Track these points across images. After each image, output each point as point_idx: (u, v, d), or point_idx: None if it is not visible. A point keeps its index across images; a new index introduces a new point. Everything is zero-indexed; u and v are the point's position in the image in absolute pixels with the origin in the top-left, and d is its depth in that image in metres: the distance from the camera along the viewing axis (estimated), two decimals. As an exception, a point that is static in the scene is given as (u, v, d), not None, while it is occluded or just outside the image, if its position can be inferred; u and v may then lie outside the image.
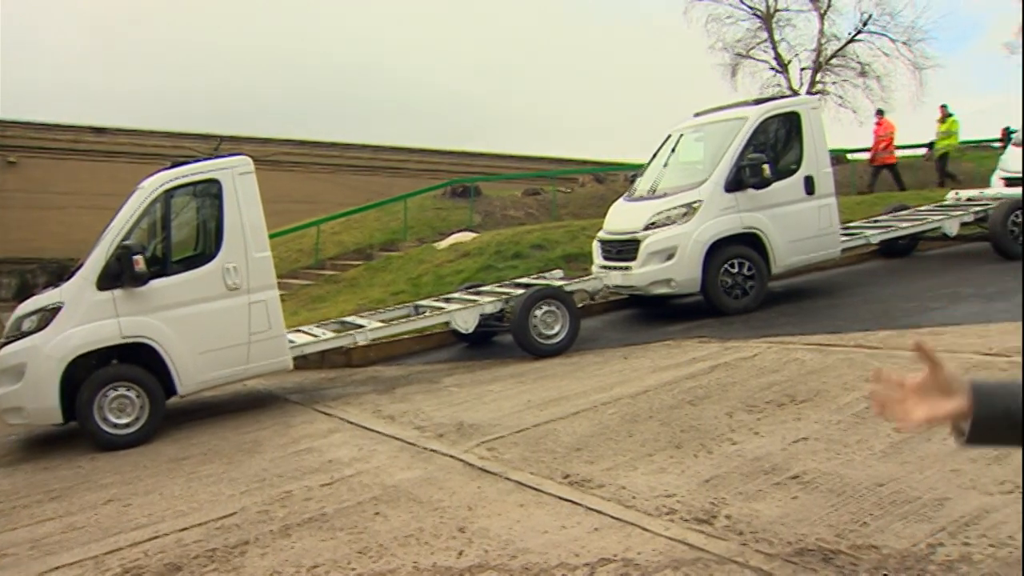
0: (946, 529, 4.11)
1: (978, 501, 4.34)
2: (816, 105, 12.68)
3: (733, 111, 11.89)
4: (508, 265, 13.88)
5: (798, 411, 6.24)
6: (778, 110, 11.63)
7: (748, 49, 32.07)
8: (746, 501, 4.77)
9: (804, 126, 11.47)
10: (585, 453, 5.98)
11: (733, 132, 11.24)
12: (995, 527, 4.06)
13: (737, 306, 10.68)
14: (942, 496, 4.47)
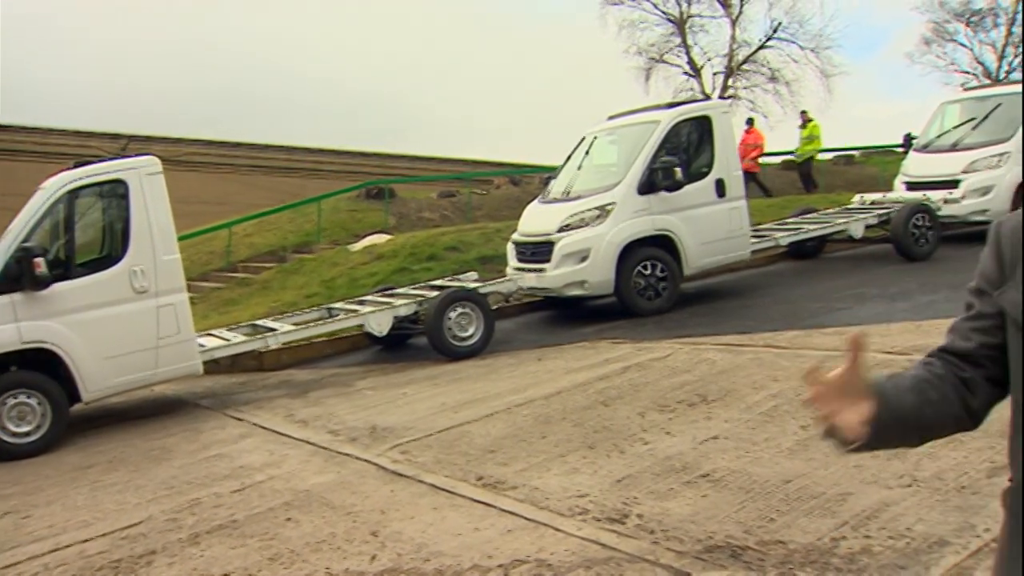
0: (849, 523, 4.23)
1: (879, 495, 4.48)
2: (727, 109, 12.93)
3: (646, 114, 12.04)
4: (423, 267, 13.83)
5: (709, 410, 6.35)
6: (690, 114, 11.82)
7: (662, 54, 32.61)
8: (657, 500, 4.84)
9: (715, 130, 11.67)
10: (499, 455, 6.00)
11: (646, 135, 11.38)
12: (894, 519, 4.19)
13: (650, 307, 10.82)
14: (845, 491, 4.60)
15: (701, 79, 32.19)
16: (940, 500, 4.33)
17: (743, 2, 31.84)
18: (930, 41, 37.84)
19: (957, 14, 37.26)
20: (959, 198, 13.21)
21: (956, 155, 13.90)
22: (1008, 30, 36.35)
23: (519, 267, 11.46)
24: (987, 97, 14.77)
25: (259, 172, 30.84)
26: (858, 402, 1.64)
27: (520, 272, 11.35)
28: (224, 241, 19.11)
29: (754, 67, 32.54)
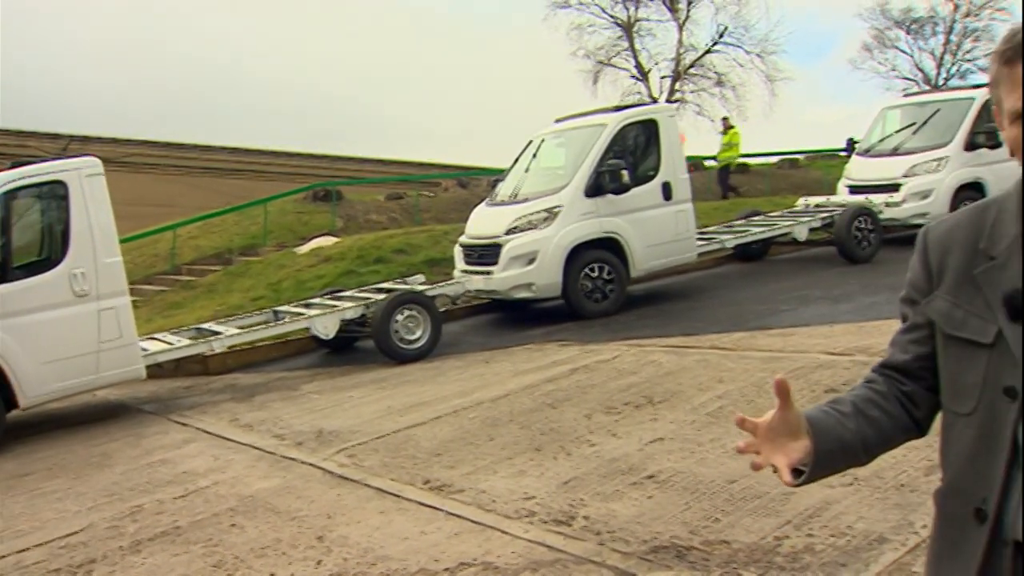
0: (792, 522, 4.29)
1: (821, 494, 4.54)
2: (673, 113, 13.05)
3: (593, 118, 12.12)
4: (370, 270, 13.76)
5: (655, 412, 6.40)
6: (636, 117, 11.91)
7: (610, 57, 32.79)
8: (604, 501, 4.86)
9: (662, 133, 11.78)
10: (446, 458, 5.99)
11: (593, 138, 11.45)
12: (836, 518, 4.26)
13: (597, 309, 10.88)
14: (788, 491, 4.63)
15: (648, 83, 32.45)
16: (880, 498, 4.41)
17: (690, 7, 32.16)
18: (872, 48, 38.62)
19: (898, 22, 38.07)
20: (900, 201, 13.48)
21: (897, 159, 14.19)
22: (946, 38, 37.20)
23: (467, 270, 11.46)
24: (927, 103, 15.09)
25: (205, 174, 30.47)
26: (793, 442, 1.67)
27: (468, 275, 11.35)
28: (169, 243, 18.84)
29: (701, 71, 32.88)
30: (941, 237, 1.75)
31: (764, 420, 1.67)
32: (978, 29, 37.05)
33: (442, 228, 16.24)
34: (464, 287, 11.22)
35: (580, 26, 32.27)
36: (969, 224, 1.70)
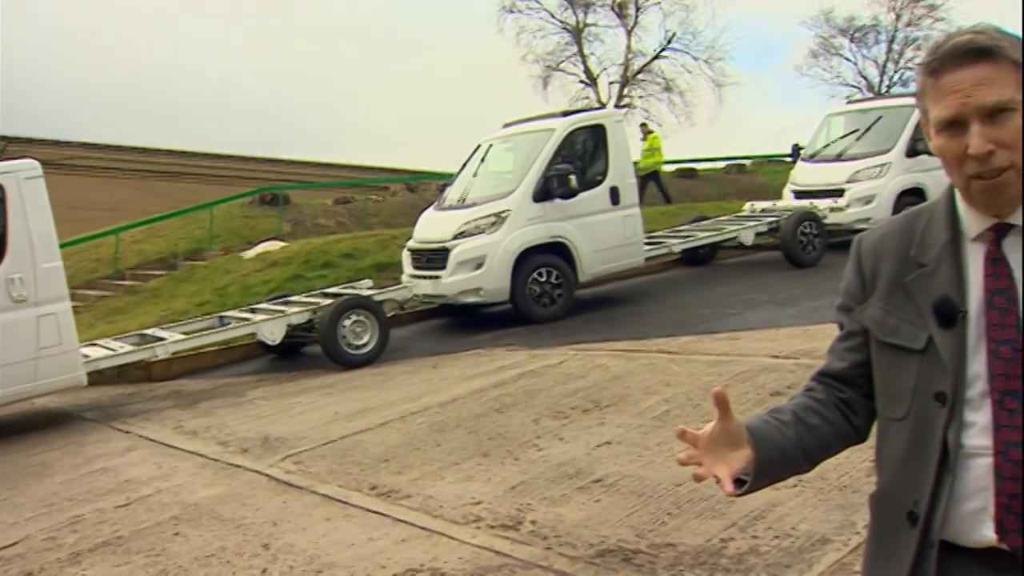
0: (737, 524, 4.34)
1: (766, 496, 4.59)
2: (621, 118, 13.15)
3: (541, 122, 12.16)
4: (317, 275, 13.67)
5: (602, 416, 6.44)
6: (584, 122, 11.98)
7: (558, 62, 32.96)
8: (551, 506, 4.88)
9: (609, 138, 11.85)
10: (393, 464, 5.97)
11: (541, 143, 11.49)
12: (780, 519, 4.32)
13: (545, 314, 10.91)
14: (733, 493, 4.71)
15: (597, 88, 32.67)
16: (823, 499, 4.48)
17: (638, 13, 32.47)
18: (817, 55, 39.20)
19: (842, 30, 38.70)
20: (844, 207, 13.71)
21: (841, 165, 14.44)
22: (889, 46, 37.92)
23: (414, 274, 11.43)
24: (869, 110, 15.38)
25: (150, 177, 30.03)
26: (734, 452, 1.69)
27: (415, 279, 11.33)
28: (112, 248, 18.51)
29: (649, 77, 33.20)
30: (873, 245, 1.78)
31: (704, 431, 1.69)
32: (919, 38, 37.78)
33: (390, 232, 16.19)
34: (412, 292, 11.19)
35: (530, 30, 32.43)
36: (900, 232, 1.74)
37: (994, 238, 1.59)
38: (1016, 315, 1.55)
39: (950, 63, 1.53)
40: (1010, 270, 1.57)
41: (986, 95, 1.50)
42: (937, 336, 1.61)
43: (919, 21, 37.20)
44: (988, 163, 1.51)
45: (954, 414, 1.58)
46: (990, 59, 1.51)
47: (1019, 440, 1.51)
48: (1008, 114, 1.50)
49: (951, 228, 1.65)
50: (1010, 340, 1.54)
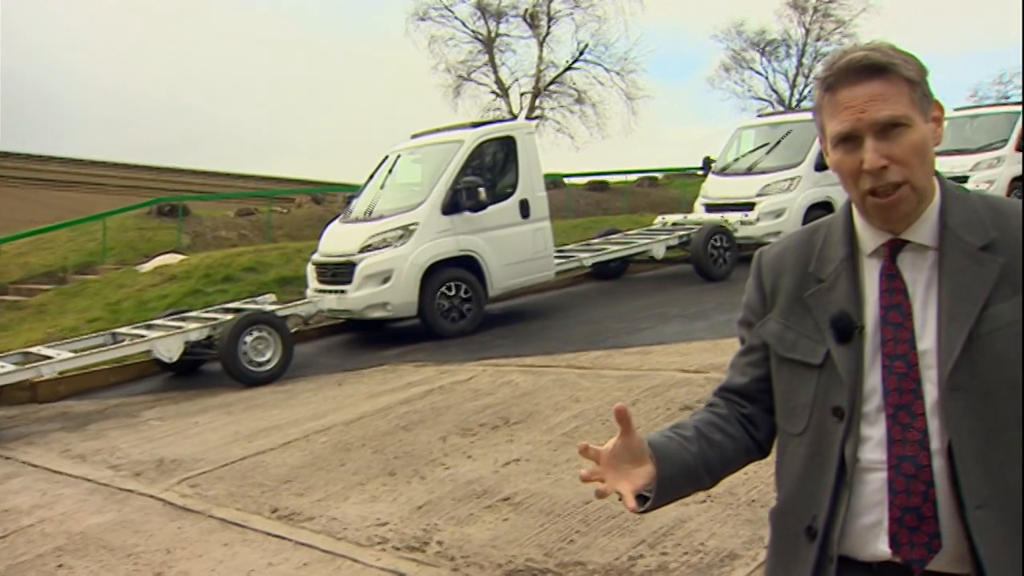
0: (646, 541, 4.39)
1: (675, 512, 4.66)
2: (531, 130, 13.25)
3: (450, 133, 12.18)
4: (218, 289, 13.42)
5: (511, 433, 6.45)
6: (494, 134, 12.03)
7: (470, 72, 32.99)
8: (458, 525, 4.87)
9: (519, 150, 11.92)
10: (295, 485, 5.88)
11: (450, 154, 11.50)
12: (689, 535, 4.38)
13: (454, 329, 10.90)
14: (643, 510, 4.76)
15: (509, 99, 32.81)
16: (732, 514, 4.56)
17: (550, 24, 32.70)
18: (729, 68, 40.06)
19: (753, 43, 39.65)
20: (754, 220, 14.02)
21: (751, 179, 14.80)
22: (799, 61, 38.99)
23: (320, 289, 11.31)
24: (779, 124, 15.81)
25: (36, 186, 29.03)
26: (636, 468, 1.70)
27: (321, 294, 11.21)
28: (-8, 261, 17.89)
29: (561, 88, 33.44)
30: (773, 260, 1.83)
31: (606, 448, 1.70)
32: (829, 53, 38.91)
33: (295, 246, 16.00)
34: (317, 307, 11.06)
35: (441, 39, 32.42)
36: (799, 247, 1.79)
37: (889, 253, 1.64)
38: (910, 331, 1.60)
39: (845, 79, 1.58)
40: (904, 286, 1.62)
41: (880, 110, 1.55)
42: (834, 351, 1.66)
43: (829, 36, 38.34)
44: (882, 178, 1.56)
45: (851, 429, 1.63)
46: (884, 75, 1.56)
47: (912, 454, 1.57)
48: (901, 129, 1.55)
49: (848, 243, 1.70)
50: (903, 355, 1.59)
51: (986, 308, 1.55)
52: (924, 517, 1.56)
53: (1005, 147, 17.79)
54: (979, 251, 1.58)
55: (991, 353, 1.54)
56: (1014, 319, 1.54)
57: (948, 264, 1.60)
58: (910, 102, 1.57)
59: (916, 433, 1.57)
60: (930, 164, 1.61)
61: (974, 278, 1.57)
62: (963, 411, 1.55)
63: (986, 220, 1.61)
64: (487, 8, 32.26)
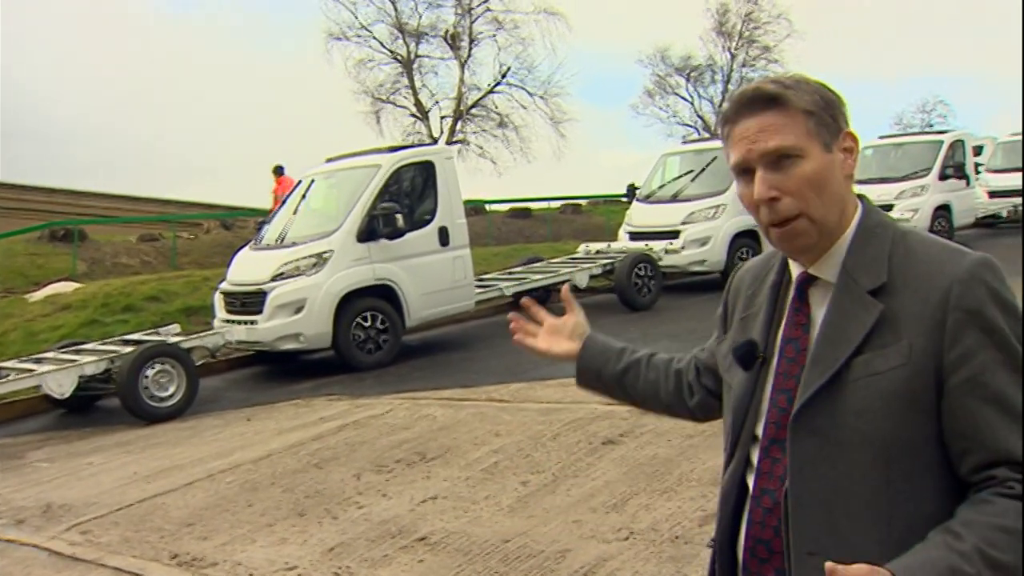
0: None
1: (597, 550, 4.69)
2: (451, 155, 13.29)
3: (367, 158, 12.14)
4: (118, 319, 13.11)
5: (428, 469, 6.41)
6: (412, 159, 12.02)
7: (389, 94, 32.98)
8: (371, 568, 4.82)
9: (439, 176, 11.93)
10: (198, 528, 5.75)
11: (366, 180, 11.45)
12: (612, 574, 4.40)
13: (370, 361, 10.82)
14: (564, 548, 4.78)
15: (429, 122, 32.86)
16: (655, 552, 4.59)
17: (472, 45, 32.90)
18: (654, 94, 40.76)
19: (678, 69, 40.43)
20: (679, 248, 14.25)
21: (676, 206, 15.05)
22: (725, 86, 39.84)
23: (228, 319, 11.13)
24: (704, 150, 16.10)
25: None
26: (568, 342, 2.18)
27: (229, 324, 11.01)
28: None
29: (483, 112, 33.62)
30: (737, 281, 1.92)
31: (551, 320, 2.17)
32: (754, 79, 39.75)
33: (202, 274, 15.74)
34: (225, 338, 10.86)
35: (359, 61, 32.38)
36: (755, 270, 1.86)
37: (799, 287, 1.69)
38: (801, 366, 1.63)
39: (740, 111, 1.62)
40: (808, 321, 1.65)
41: (768, 141, 1.58)
42: (736, 378, 1.73)
43: (754, 62, 39.29)
44: (775, 210, 1.59)
45: (733, 454, 1.72)
46: (776, 106, 1.59)
47: (773, 488, 1.61)
48: (794, 160, 1.57)
49: (782, 272, 1.75)
50: (788, 391, 1.63)
51: (858, 354, 1.55)
52: (774, 552, 1.61)
53: (929, 175, 18.66)
54: (866, 294, 1.58)
55: (851, 402, 1.54)
56: (882, 370, 1.53)
57: (834, 305, 1.61)
58: (805, 132, 1.58)
59: (781, 469, 1.60)
60: (832, 197, 1.60)
61: (852, 321, 1.57)
62: (807, 457, 1.56)
63: (890, 260, 1.59)
64: (406, 28, 32.35)
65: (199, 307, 13.49)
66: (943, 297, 1.52)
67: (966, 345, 1.50)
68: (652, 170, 16.59)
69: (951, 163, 19.13)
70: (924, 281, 1.54)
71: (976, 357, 1.50)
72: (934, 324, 1.51)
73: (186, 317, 13.09)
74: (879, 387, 1.52)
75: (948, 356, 1.51)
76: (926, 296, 1.53)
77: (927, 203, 18.52)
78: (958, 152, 19.61)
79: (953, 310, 1.51)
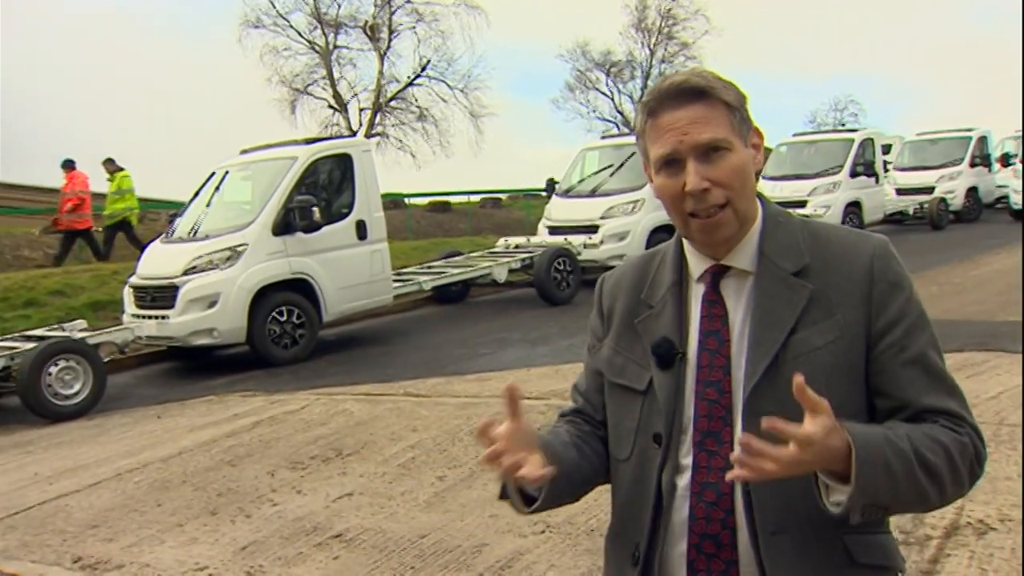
0: (483, 575, 4.38)
1: (513, 544, 4.69)
2: (368, 147, 13.19)
3: (282, 150, 11.99)
4: (19, 315, 12.72)
5: (344, 465, 6.35)
6: (329, 151, 11.92)
7: (306, 85, 32.64)
8: (285, 566, 4.75)
9: (356, 168, 11.85)
10: (103, 530, 5.60)
11: (282, 172, 11.31)
12: (528, 568, 4.41)
13: (286, 356, 10.70)
14: (481, 542, 4.77)
15: (347, 115, 32.61)
16: (571, 544, 4.60)
17: (391, 37, 32.75)
18: (574, 88, 41.05)
19: (598, 64, 40.77)
20: (598, 243, 14.36)
21: (595, 201, 15.17)
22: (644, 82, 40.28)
23: (138, 314, 10.89)
24: (623, 145, 16.24)
25: None
26: (530, 455, 1.61)
27: (139, 319, 10.79)
28: None
29: (403, 105, 33.51)
30: (611, 285, 1.89)
31: (503, 429, 1.61)
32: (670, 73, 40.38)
33: (111, 267, 15.38)
34: (134, 333, 10.64)
35: (276, 49, 31.97)
36: (635, 272, 1.84)
37: (712, 279, 1.70)
38: (725, 357, 1.65)
39: (667, 103, 1.63)
40: (725, 312, 1.68)
41: (701, 133, 1.60)
42: (656, 377, 1.70)
43: (673, 58, 39.86)
44: (704, 200, 1.61)
45: (669, 456, 1.68)
46: (704, 99, 1.61)
47: (714, 482, 1.62)
48: (723, 153, 1.61)
49: (678, 270, 1.75)
50: (716, 382, 1.65)
51: (793, 333, 1.61)
52: (722, 545, 1.62)
53: (841, 173, 19.34)
54: (791, 276, 1.64)
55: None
56: (820, 344, 1.61)
57: (761, 290, 1.66)
58: (730, 126, 1.62)
59: (721, 460, 1.61)
60: (751, 189, 1.67)
61: (783, 304, 1.63)
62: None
63: (802, 245, 1.67)
64: (324, 18, 32.04)
65: (108, 302, 13.19)
66: (866, 272, 1.64)
67: (891, 313, 1.63)
68: (571, 165, 16.69)
69: (861, 161, 19.70)
70: (844, 260, 1.65)
71: (901, 323, 1.63)
72: (862, 297, 1.63)
73: (94, 312, 12.80)
74: (820, 361, 1.60)
75: (876, 324, 1.63)
76: (849, 273, 1.64)
77: (839, 199, 19.03)
78: (868, 150, 20.18)
79: (878, 282, 1.64)
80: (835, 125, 42.65)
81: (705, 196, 1.60)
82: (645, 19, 39.41)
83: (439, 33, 32.72)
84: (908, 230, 21.01)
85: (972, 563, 4.00)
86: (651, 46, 39.89)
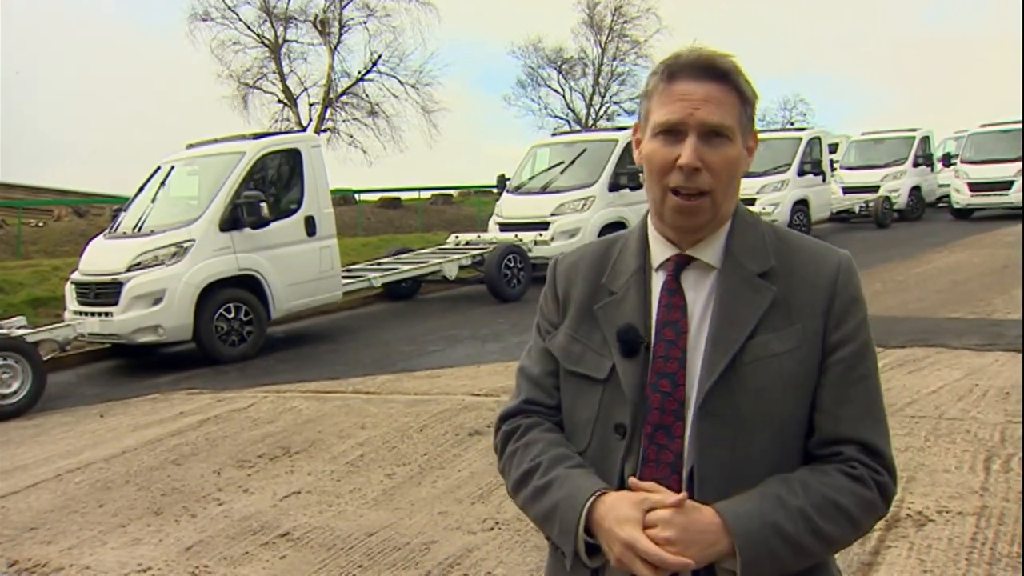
0: (432, 572, 4.37)
1: (463, 541, 4.67)
2: (317, 143, 13.09)
3: (230, 144, 11.88)
4: (-45, 312, 12.50)
5: (292, 463, 6.30)
6: (278, 146, 11.83)
7: (256, 79, 32.32)
8: (231, 566, 4.69)
9: (305, 164, 11.77)
10: (42, 532, 5.49)
11: (229, 167, 11.20)
12: (476, 565, 4.39)
13: (233, 354, 10.60)
14: (430, 539, 4.75)
15: (297, 109, 32.33)
16: (520, 541, 4.60)
17: (342, 31, 32.54)
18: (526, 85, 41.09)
19: (550, 61, 40.85)
20: (549, 240, 14.40)
21: (545, 198, 15.22)
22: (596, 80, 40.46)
23: (80, 311, 10.72)
24: (574, 143, 16.32)
25: None
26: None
27: (81, 316, 10.62)
28: None
29: (354, 100, 33.29)
30: (567, 268, 1.83)
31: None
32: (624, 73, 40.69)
33: (52, 263, 15.16)
34: (76, 331, 10.47)
35: (225, 43, 31.61)
36: (594, 258, 1.80)
37: (673, 268, 1.67)
38: (682, 349, 1.62)
39: (688, 72, 1.61)
40: (684, 303, 1.65)
41: (711, 113, 1.58)
42: (620, 365, 1.66)
43: (624, 56, 40.06)
44: (692, 180, 1.58)
45: (632, 447, 1.63)
46: (725, 83, 1.61)
47: (663, 476, 1.59)
48: (724, 140, 1.59)
49: (642, 256, 1.72)
50: (671, 374, 1.62)
51: (753, 336, 1.60)
52: None
53: (789, 171, 19.66)
54: (756, 278, 1.63)
55: (751, 382, 1.59)
56: (780, 351, 1.60)
57: (724, 288, 1.64)
58: (738, 118, 1.62)
59: (670, 455, 1.60)
60: (735, 188, 1.67)
61: (746, 305, 1.62)
62: (713, 438, 1.58)
63: (769, 248, 1.67)
64: (274, 12, 31.76)
65: (48, 298, 13.01)
66: (830, 283, 1.64)
67: (847, 328, 1.63)
68: (522, 162, 16.71)
69: (809, 159, 19.99)
70: (809, 268, 1.65)
71: (853, 341, 1.63)
72: (823, 308, 1.63)
73: (33, 309, 12.61)
74: (778, 368, 1.59)
75: (831, 337, 1.62)
76: (814, 282, 1.64)
77: (787, 197, 19.27)
78: (815, 149, 20.48)
79: (840, 295, 1.63)
80: (784, 124, 43.16)
81: (694, 176, 1.58)
82: (596, 16, 39.55)
83: (390, 28, 32.59)
84: (854, 228, 21.33)
85: (911, 554, 4.06)
86: (603, 44, 40.05)
